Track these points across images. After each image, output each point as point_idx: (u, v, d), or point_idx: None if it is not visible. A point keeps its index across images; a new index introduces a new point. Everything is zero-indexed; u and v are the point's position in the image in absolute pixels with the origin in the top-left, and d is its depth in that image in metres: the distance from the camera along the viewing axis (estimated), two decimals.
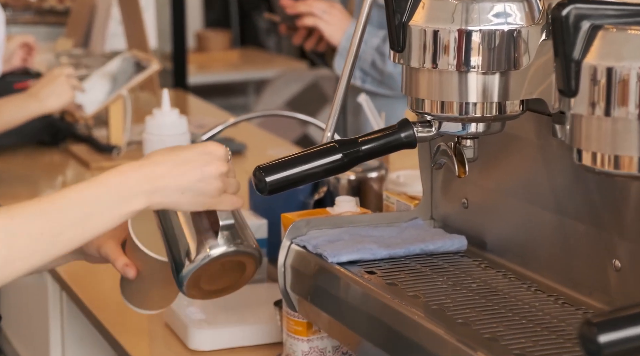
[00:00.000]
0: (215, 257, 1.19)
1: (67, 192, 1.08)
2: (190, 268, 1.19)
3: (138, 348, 1.54)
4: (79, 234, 1.08)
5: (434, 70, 1.10)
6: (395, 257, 1.27)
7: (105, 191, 1.08)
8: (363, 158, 1.13)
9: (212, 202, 1.15)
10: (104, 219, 1.09)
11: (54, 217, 1.06)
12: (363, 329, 1.17)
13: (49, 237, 1.06)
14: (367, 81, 2.43)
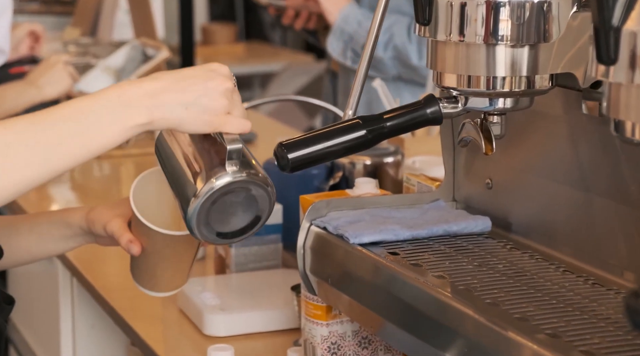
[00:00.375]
0: (221, 187, 1.09)
1: (64, 105, 1.03)
2: (197, 203, 1.09)
3: (152, 334, 1.51)
4: (78, 147, 1.02)
5: (460, 43, 1.07)
6: (418, 238, 1.24)
7: (104, 104, 1.03)
8: (388, 135, 1.10)
9: (219, 122, 1.07)
10: (104, 132, 1.03)
11: (51, 128, 1.01)
12: (387, 311, 1.13)
13: (46, 147, 1.01)
14: (357, 62, 2.41)
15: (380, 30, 1.21)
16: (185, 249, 1.27)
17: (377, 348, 1.35)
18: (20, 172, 1.01)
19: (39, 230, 1.36)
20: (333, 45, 2.44)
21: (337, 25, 2.43)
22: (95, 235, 1.33)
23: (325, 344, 1.33)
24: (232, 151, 1.09)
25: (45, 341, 1.99)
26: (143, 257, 1.27)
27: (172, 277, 1.30)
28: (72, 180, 2.39)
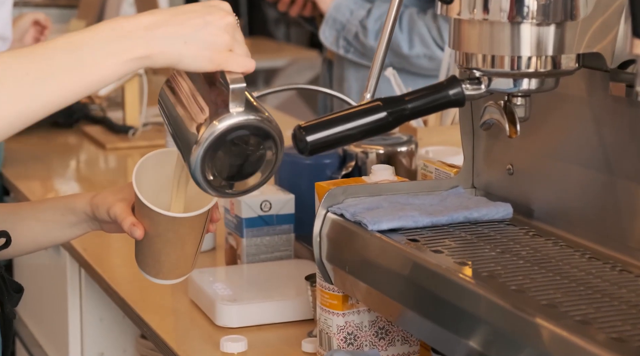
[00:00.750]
0: (225, 129, 1.02)
1: (55, 39, 0.98)
2: (199, 149, 1.03)
3: (163, 325, 1.48)
4: (72, 80, 0.97)
5: (484, 21, 1.04)
6: (437, 225, 1.20)
7: (98, 36, 0.98)
8: (409, 117, 1.07)
9: (221, 58, 1.01)
10: (100, 65, 0.98)
11: (43, 59, 0.97)
12: (408, 299, 1.10)
13: (38, 78, 0.96)
14: (350, 51, 2.42)
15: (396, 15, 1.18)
16: (189, 233, 1.23)
17: (394, 339, 1.32)
18: (10, 104, 0.96)
19: (44, 217, 1.33)
20: (325, 34, 2.43)
21: (329, 14, 2.42)
22: (99, 220, 1.30)
23: (342, 334, 1.30)
24: (235, 91, 1.02)
25: (53, 334, 1.96)
26: (146, 242, 1.24)
27: (177, 264, 1.26)
28: (77, 173, 2.36)
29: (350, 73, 2.47)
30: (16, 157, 2.37)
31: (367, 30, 2.38)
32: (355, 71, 2.46)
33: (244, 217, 1.63)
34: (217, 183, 1.07)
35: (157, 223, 1.21)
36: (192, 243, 1.25)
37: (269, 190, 1.68)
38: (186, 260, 1.26)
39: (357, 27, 2.39)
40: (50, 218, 1.33)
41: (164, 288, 1.63)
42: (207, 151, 1.04)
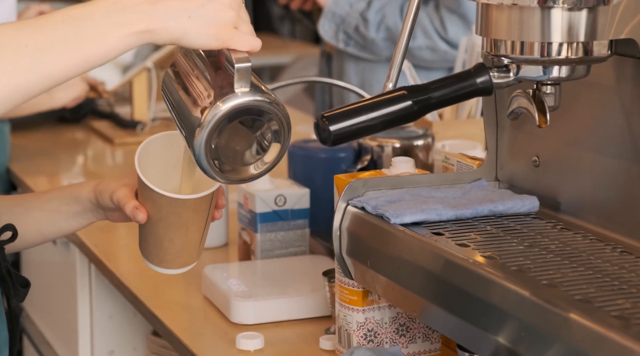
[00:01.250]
0: (229, 110, 0.98)
1: (55, 12, 0.96)
2: (203, 132, 0.99)
3: (176, 322, 1.44)
4: (73, 52, 0.94)
5: (514, 6, 1.00)
6: (461, 219, 1.17)
7: (99, 9, 0.96)
8: (435, 106, 1.04)
9: (226, 35, 0.98)
10: (101, 38, 0.95)
11: (43, 31, 0.94)
12: (433, 294, 1.07)
13: (37, 50, 0.93)
14: (350, 44, 2.39)
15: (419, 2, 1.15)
16: (193, 217, 1.19)
17: (415, 336, 1.28)
18: (8, 77, 0.93)
19: (48, 207, 1.31)
20: (325, 28, 2.40)
21: (328, 8, 2.39)
22: (103, 208, 1.27)
23: (362, 331, 1.26)
24: (241, 70, 0.98)
25: (62, 332, 1.93)
26: (149, 227, 1.20)
27: (180, 251, 1.22)
28: (85, 168, 2.33)
29: (350, 66, 2.44)
30: (23, 152, 2.33)
31: (368, 22, 2.34)
32: (355, 64, 2.43)
33: (258, 211, 1.60)
34: (222, 168, 1.03)
35: (159, 206, 1.18)
36: (196, 228, 1.21)
37: (283, 184, 1.64)
38: (190, 248, 1.22)
39: (358, 20, 2.36)
40: (54, 208, 1.31)
41: (177, 284, 1.60)
42: (211, 133, 1.00)
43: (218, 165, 1.03)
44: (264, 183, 1.62)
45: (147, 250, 1.23)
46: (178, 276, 1.63)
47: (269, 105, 1.01)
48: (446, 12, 2.27)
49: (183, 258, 1.23)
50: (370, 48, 2.36)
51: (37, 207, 1.31)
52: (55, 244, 1.90)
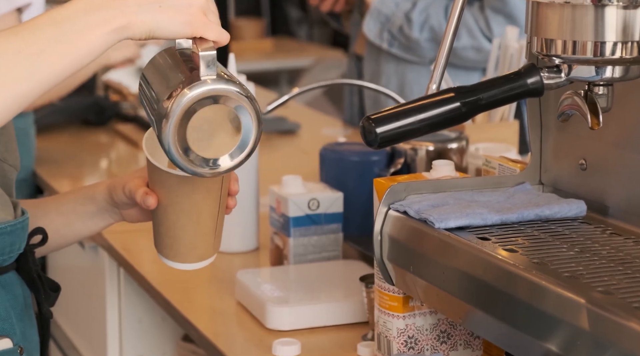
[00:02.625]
0: (194, 97, 0.98)
1: (38, 16, 0.99)
2: (170, 121, 0.98)
3: (211, 328, 1.42)
4: (61, 55, 0.97)
5: (566, 5, 0.98)
6: (507, 223, 1.14)
7: (75, 10, 0.99)
8: (484, 108, 1.01)
9: (197, 22, 1.00)
10: (83, 38, 0.98)
11: (29, 36, 0.97)
12: (480, 300, 1.04)
13: (29, 55, 0.96)
14: (394, 45, 2.36)
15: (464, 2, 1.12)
16: (204, 201, 1.16)
17: (456, 343, 1.25)
18: (6, 88, 0.95)
19: (65, 209, 1.30)
20: (370, 26, 2.37)
21: (374, 7, 2.36)
22: (118, 205, 1.26)
23: (402, 338, 1.23)
24: (205, 57, 0.99)
25: (90, 337, 1.90)
26: (161, 214, 1.18)
27: (194, 241, 1.19)
28: (110, 171, 2.31)
29: (390, 67, 2.40)
30: (49, 155, 2.32)
31: (411, 23, 2.32)
32: (396, 65, 2.39)
33: (291, 215, 1.57)
34: (194, 159, 1.02)
35: (169, 188, 1.16)
36: (208, 215, 1.18)
37: (316, 188, 1.62)
38: (205, 238, 1.19)
39: (402, 20, 2.33)
40: (71, 209, 1.30)
41: (208, 289, 1.57)
42: (178, 122, 1.00)
43: (188, 155, 1.02)
44: (297, 187, 1.60)
45: (160, 243, 1.21)
46: (209, 281, 1.61)
47: (235, 89, 1.01)
48: (491, 12, 2.24)
49: (198, 251, 1.20)
50: (414, 49, 2.33)
51: (55, 209, 1.30)
52: (83, 248, 1.88)
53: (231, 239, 1.69)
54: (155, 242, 1.22)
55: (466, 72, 2.29)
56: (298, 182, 1.60)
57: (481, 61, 2.26)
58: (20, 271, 1.24)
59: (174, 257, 1.20)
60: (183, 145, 1.01)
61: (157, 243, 1.22)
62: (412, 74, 2.39)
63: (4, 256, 1.19)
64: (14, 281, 1.22)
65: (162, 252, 1.21)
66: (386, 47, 2.37)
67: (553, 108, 1.21)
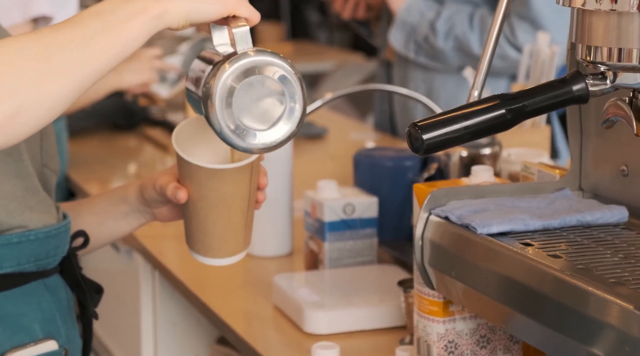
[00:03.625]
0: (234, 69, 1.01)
1: (81, 12, 1.02)
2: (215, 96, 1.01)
3: (249, 331, 1.43)
4: (109, 43, 1.00)
5: (612, 12, 0.98)
6: (549, 229, 1.15)
7: (113, 2, 1.02)
8: (529, 114, 1.02)
9: (229, 2, 1.03)
10: (125, 28, 1.01)
11: (76, 27, 1.00)
12: (524, 305, 1.05)
13: (80, 44, 0.99)
14: (420, 54, 2.37)
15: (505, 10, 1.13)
16: (233, 194, 1.17)
17: (496, 348, 1.26)
18: (66, 73, 0.98)
19: (97, 210, 1.32)
20: (396, 37, 2.38)
21: (399, 17, 2.37)
22: (149, 203, 1.28)
23: (442, 343, 1.24)
24: (239, 33, 1.02)
25: (124, 340, 1.92)
26: (192, 209, 1.19)
27: (224, 235, 1.20)
28: (137, 176, 2.33)
29: (417, 75, 2.41)
30: (80, 159, 2.34)
31: (436, 32, 2.33)
32: (423, 73, 2.41)
33: (326, 220, 1.58)
34: (245, 134, 1.03)
35: (198, 182, 1.17)
36: (238, 208, 1.19)
37: (351, 193, 1.63)
38: (235, 233, 1.20)
39: (427, 29, 2.34)
40: (103, 210, 1.32)
41: (245, 292, 1.58)
42: (224, 98, 1.02)
43: (240, 132, 1.03)
44: (332, 192, 1.61)
45: (192, 239, 1.22)
46: (245, 285, 1.62)
47: (274, 59, 1.02)
48: (516, 18, 2.25)
49: (229, 245, 1.21)
50: (439, 57, 2.34)
51: (88, 210, 1.32)
52: (118, 252, 1.89)
53: (265, 243, 1.70)
54: (187, 238, 1.23)
55: (495, 79, 2.30)
56: (333, 186, 1.61)
57: (506, 68, 2.27)
58: (64, 274, 1.25)
59: (205, 253, 1.21)
60: (232, 121, 1.03)
61: (188, 239, 1.23)
62: (439, 80, 2.39)
63: (49, 259, 1.20)
64: (58, 284, 1.23)
65: (194, 248, 1.22)
66: (413, 57, 2.38)
67: (593, 114, 1.22)
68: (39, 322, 1.17)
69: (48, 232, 1.19)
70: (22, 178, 1.17)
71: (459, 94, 2.38)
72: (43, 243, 1.18)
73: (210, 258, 1.22)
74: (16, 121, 0.95)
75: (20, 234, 1.16)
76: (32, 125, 0.97)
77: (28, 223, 1.17)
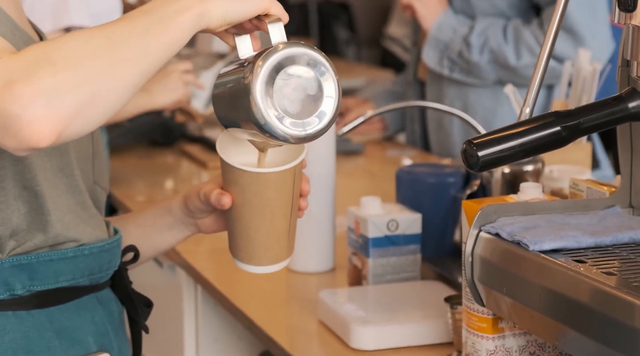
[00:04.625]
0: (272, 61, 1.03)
1: (127, 13, 1.05)
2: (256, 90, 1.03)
3: (294, 345, 1.44)
4: (162, 35, 1.03)
5: None
6: (601, 246, 1.15)
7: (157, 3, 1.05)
8: (584, 132, 1.02)
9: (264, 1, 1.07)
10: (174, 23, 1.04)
11: (129, 23, 1.03)
12: (578, 322, 1.05)
13: (138, 35, 1.02)
14: (455, 70, 2.37)
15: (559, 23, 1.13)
16: (276, 198, 1.19)
17: None
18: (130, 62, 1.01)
19: (143, 223, 1.33)
20: (429, 55, 2.39)
21: (431, 35, 2.37)
22: (194, 214, 1.29)
23: None
24: (274, 28, 1.05)
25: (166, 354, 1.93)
26: (235, 215, 1.20)
27: (267, 241, 1.21)
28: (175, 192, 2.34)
29: (452, 91, 2.42)
30: (120, 176, 2.36)
31: (470, 46, 2.33)
32: (458, 89, 2.41)
33: (370, 236, 1.59)
34: (286, 123, 1.06)
35: (242, 187, 1.18)
36: (281, 213, 1.20)
37: (394, 209, 1.63)
38: (278, 239, 1.21)
39: (461, 45, 2.35)
40: (149, 222, 1.33)
41: (290, 307, 1.59)
42: (263, 90, 1.04)
43: (281, 121, 1.06)
44: (376, 208, 1.62)
45: (235, 246, 1.23)
46: (288, 300, 1.63)
47: (312, 51, 1.05)
48: None
49: (272, 252, 1.22)
50: (475, 72, 2.35)
51: (133, 223, 1.34)
52: (161, 267, 1.91)
53: (308, 259, 1.71)
54: (230, 245, 1.24)
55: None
56: (377, 203, 1.62)
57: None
58: (114, 288, 1.27)
59: (249, 260, 1.23)
60: (272, 112, 1.05)
61: (232, 247, 1.24)
62: (474, 96, 2.40)
63: (102, 273, 1.22)
64: (109, 298, 1.25)
65: (237, 256, 1.23)
66: (447, 74, 2.38)
67: None
68: (93, 335, 1.19)
69: (102, 247, 1.21)
70: (74, 193, 1.19)
71: (496, 109, 2.38)
72: (97, 257, 1.20)
73: (254, 265, 1.23)
74: (91, 107, 0.98)
75: (75, 249, 1.18)
76: (105, 112, 1.00)
77: (81, 237, 1.19)
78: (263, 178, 1.18)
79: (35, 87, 0.96)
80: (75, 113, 0.97)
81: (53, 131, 0.96)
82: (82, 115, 0.98)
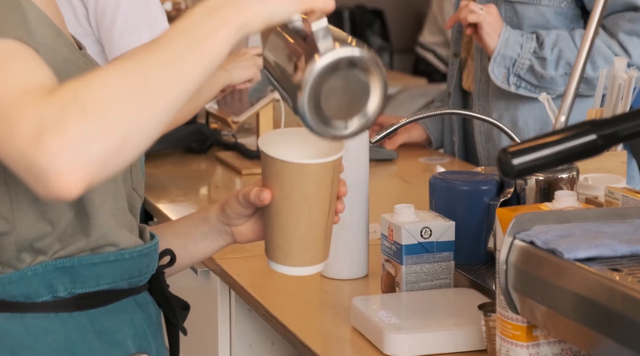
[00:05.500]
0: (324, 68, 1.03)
1: (166, 32, 1.04)
2: (305, 90, 1.04)
3: (329, 352, 1.45)
4: (199, 57, 1.02)
5: None
6: (637, 255, 1.15)
7: (197, 17, 1.04)
8: (620, 140, 1.03)
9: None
10: (212, 40, 1.03)
11: (166, 47, 1.02)
12: (615, 331, 1.05)
13: (173, 63, 1.01)
14: (521, 86, 2.34)
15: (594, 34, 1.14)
16: (315, 193, 1.20)
17: None
18: (161, 94, 1.00)
19: (179, 231, 1.35)
20: (495, 72, 2.33)
21: (497, 52, 2.30)
22: (231, 220, 1.30)
23: None
24: (320, 30, 1.04)
25: None
26: (274, 210, 1.22)
27: (305, 240, 1.22)
28: (209, 200, 2.36)
29: (500, 103, 2.38)
30: (155, 182, 2.38)
31: (545, 61, 2.28)
32: (507, 101, 2.38)
33: (404, 243, 1.60)
34: (329, 121, 1.07)
35: (282, 179, 1.20)
36: (320, 211, 1.21)
37: (428, 216, 1.64)
38: (315, 239, 1.22)
39: (532, 60, 2.31)
40: (185, 231, 1.34)
41: (323, 314, 1.60)
42: (311, 91, 1.05)
43: (325, 120, 1.07)
44: (409, 215, 1.62)
45: (272, 246, 1.24)
46: (321, 307, 1.64)
47: (358, 52, 1.05)
48: (624, 35, 2.22)
49: (309, 251, 1.23)
50: (545, 86, 2.29)
51: (170, 231, 1.35)
52: (196, 273, 1.92)
53: (342, 266, 1.72)
54: (267, 247, 1.26)
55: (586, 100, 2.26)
56: (410, 210, 1.63)
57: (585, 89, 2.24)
58: (152, 291, 1.28)
59: (284, 260, 1.24)
60: (318, 113, 1.06)
61: (268, 248, 1.26)
62: (524, 107, 2.36)
63: (140, 276, 1.24)
64: (147, 301, 1.27)
65: (273, 256, 1.24)
66: (514, 90, 2.32)
67: None
68: (132, 338, 1.20)
69: (141, 251, 1.22)
70: (116, 198, 1.21)
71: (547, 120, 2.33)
72: (136, 261, 1.21)
73: (289, 266, 1.25)
74: (120, 154, 0.97)
75: (116, 252, 1.19)
76: (134, 154, 0.99)
77: (120, 242, 1.21)
78: (304, 170, 1.20)
79: (63, 138, 0.95)
80: (104, 162, 0.96)
81: (80, 183, 0.95)
82: (111, 164, 0.97)
